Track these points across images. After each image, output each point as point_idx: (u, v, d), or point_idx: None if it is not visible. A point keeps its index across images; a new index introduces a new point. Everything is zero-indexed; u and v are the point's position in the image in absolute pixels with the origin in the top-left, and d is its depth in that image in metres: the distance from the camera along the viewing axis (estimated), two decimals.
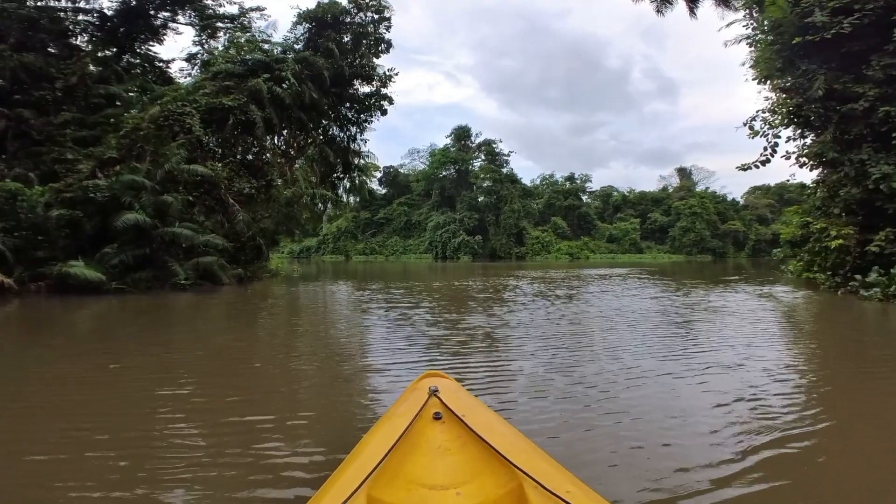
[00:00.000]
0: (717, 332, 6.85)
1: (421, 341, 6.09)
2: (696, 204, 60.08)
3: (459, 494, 1.56)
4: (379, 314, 9.19)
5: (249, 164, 17.25)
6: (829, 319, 8.97)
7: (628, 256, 55.89)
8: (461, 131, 59.83)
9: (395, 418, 1.91)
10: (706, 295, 12.04)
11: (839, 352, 6.06)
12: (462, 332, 6.78)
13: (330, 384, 4.38)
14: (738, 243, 60.03)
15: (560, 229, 57.86)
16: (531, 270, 26.39)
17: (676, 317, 8.33)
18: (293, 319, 9.12)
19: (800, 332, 7.56)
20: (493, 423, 1.95)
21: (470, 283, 16.12)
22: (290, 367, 5.20)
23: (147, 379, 4.36)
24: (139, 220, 11.72)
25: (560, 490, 1.39)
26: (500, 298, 11.39)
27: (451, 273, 24.79)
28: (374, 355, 5.72)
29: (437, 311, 9.25)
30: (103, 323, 8.55)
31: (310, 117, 20.65)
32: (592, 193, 67.80)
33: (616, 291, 13.11)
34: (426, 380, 2.21)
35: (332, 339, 6.92)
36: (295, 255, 55.68)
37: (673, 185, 70.49)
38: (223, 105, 16.38)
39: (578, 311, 9.16)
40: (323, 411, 3.65)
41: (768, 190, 68.27)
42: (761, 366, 4.77)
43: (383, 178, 63.28)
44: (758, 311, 9.04)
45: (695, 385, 4.18)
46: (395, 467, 1.63)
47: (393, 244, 56.00)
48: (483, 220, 54.45)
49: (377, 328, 7.59)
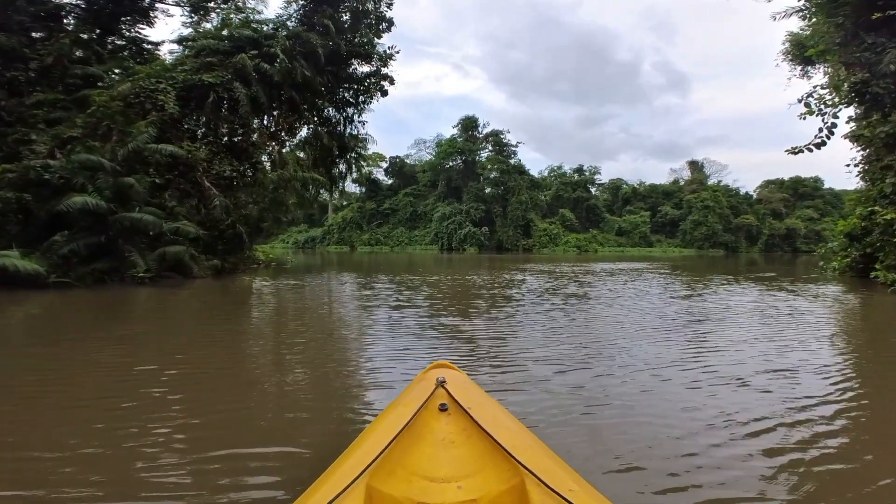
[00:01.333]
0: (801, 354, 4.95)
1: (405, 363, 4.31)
2: (708, 197, 57.52)
3: (460, 488, 1.47)
4: (363, 316, 7.42)
5: (234, 146, 15.48)
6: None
7: (638, 250, 53.64)
8: (468, 122, 57.60)
9: (401, 408, 1.81)
10: (743, 294, 10.09)
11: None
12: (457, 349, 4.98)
13: (250, 434, 2.62)
14: (750, 238, 57.43)
15: (568, 221, 55.68)
16: (539, 263, 24.43)
17: (733, 327, 6.42)
18: (234, 323, 7.35)
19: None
20: (499, 416, 1.84)
21: (475, 278, 14.28)
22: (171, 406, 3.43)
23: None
24: (89, 204, 9.99)
25: (562, 488, 1.31)
26: (505, 297, 9.55)
27: (456, 266, 22.97)
28: (334, 384, 3.93)
29: (433, 313, 7.45)
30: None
31: (303, 97, 18.81)
32: (601, 186, 65.44)
33: (638, 288, 11.17)
34: (434, 370, 2.14)
35: (279, 358, 5.14)
36: (300, 244, 54.18)
37: (684, 178, 67.89)
38: (203, 82, 14.58)
39: (602, 316, 7.30)
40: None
41: (782, 184, 65.55)
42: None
43: (389, 168, 61.43)
44: (831, 322, 7.11)
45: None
46: (398, 458, 1.55)
47: (398, 235, 54.21)
48: (490, 212, 52.44)
49: (350, 339, 5.82)
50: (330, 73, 19.81)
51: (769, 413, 3.19)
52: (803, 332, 6.20)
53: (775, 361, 4.61)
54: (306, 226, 58.43)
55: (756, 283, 13.11)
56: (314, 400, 3.60)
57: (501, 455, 1.52)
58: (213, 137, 14.78)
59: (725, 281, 14.03)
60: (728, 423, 3.01)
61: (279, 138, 17.69)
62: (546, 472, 1.40)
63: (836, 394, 3.66)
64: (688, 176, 67.84)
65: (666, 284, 12.87)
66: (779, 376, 4.08)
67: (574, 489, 1.35)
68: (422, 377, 2.13)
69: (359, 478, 1.38)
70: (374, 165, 63.08)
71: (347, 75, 20.83)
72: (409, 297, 9.62)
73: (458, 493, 1.46)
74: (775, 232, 57.59)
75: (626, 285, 12.48)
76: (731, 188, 62.68)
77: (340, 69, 20.38)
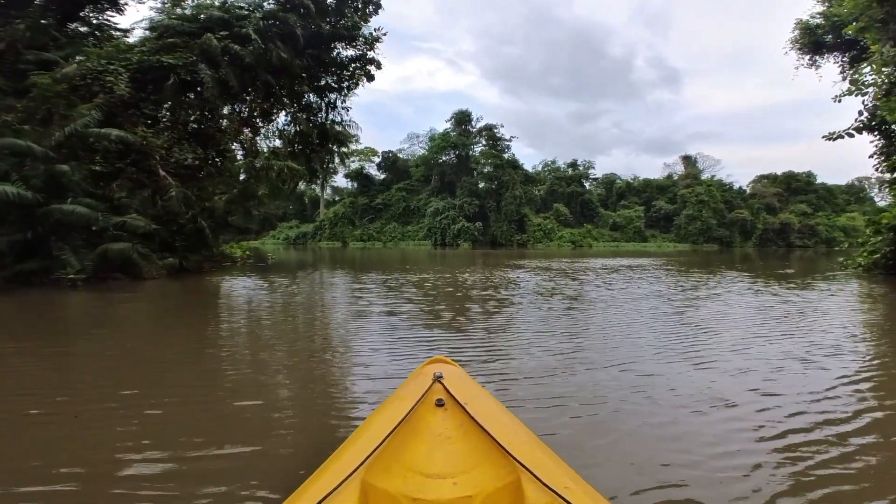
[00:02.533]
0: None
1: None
2: (702, 192, 56.26)
3: (456, 484, 1.42)
4: (334, 331, 5.84)
5: (200, 133, 13.77)
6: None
7: (633, 245, 52.27)
8: (462, 116, 55.82)
9: (398, 402, 1.75)
10: (773, 294, 8.57)
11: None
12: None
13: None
14: (744, 232, 56.21)
15: (562, 216, 54.20)
16: (534, 259, 22.87)
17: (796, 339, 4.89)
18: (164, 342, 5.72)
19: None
20: (496, 412, 1.78)
21: (467, 278, 12.72)
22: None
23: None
24: (9, 194, 8.29)
25: (558, 486, 1.27)
26: (500, 299, 8.01)
27: (450, 262, 21.37)
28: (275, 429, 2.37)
29: (421, 321, 5.89)
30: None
31: (279, 81, 17.09)
32: (596, 180, 64.00)
33: (650, 288, 9.63)
34: (431, 365, 2.05)
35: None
36: (291, 240, 52.36)
37: (678, 172, 66.53)
38: (162, 63, 12.83)
39: (621, 324, 5.76)
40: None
41: (775, 179, 64.36)
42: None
43: (382, 162, 59.63)
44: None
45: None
46: (394, 453, 1.51)
47: (391, 230, 52.48)
48: (484, 207, 50.83)
49: (305, 367, 4.24)
50: (311, 56, 18.07)
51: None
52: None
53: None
54: (297, 221, 56.59)
55: (774, 281, 11.63)
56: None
57: (498, 451, 1.47)
58: (174, 123, 13.06)
59: (742, 279, 12.53)
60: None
61: (253, 125, 15.95)
62: (542, 469, 1.34)
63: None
64: (681, 171, 66.45)
65: (679, 282, 11.35)
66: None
67: (570, 486, 1.28)
68: (419, 372, 2.05)
69: (354, 473, 1.31)
70: (367, 160, 61.30)
71: (331, 59, 19.07)
72: (395, 302, 8.03)
73: (454, 490, 1.40)
74: (769, 226, 56.45)
75: (640, 287, 10.95)
76: (725, 183, 61.44)
77: (322, 52, 18.63)
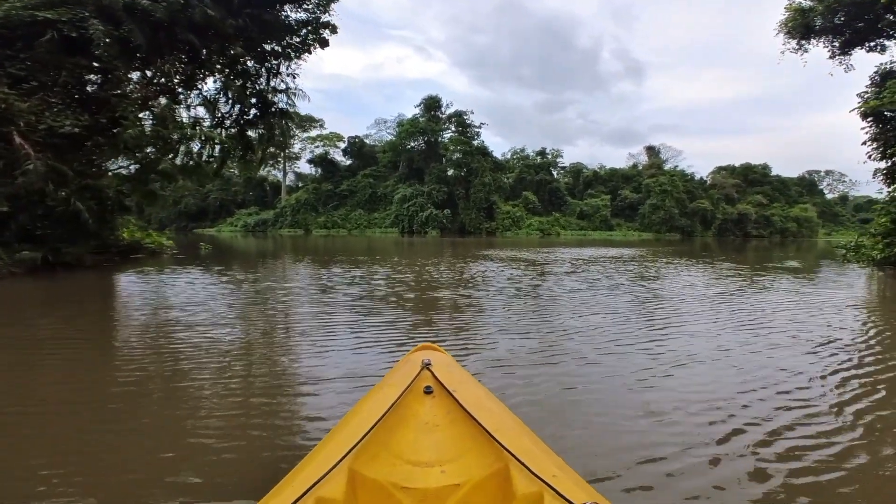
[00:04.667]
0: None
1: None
2: (666, 182, 55.55)
3: (444, 472, 1.36)
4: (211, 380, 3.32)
5: (93, 98, 10.67)
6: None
7: (599, 234, 51.08)
8: (431, 101, 52.77)
9: (386, 389, 1.69)
10: (788, 294, 6.56)
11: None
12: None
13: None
14: (705, 222, 56.02)
15: (531, 204, 52.40)
16: (504, 249, 20.62)
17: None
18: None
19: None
20: (484, 400, 1.70)
21: (433, 273, 10.27)
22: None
23: None
24: None
25: (546, 474, 1.22)
26: (470, 305, 5.62)
27: (417, 251, 18.86)
28: None
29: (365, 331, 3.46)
30: None
31: (205, 43, 13.97)
32: (564, 169, 62.56)
33: (650, 286, 7.45)
34: (420, 352, 1.97)
35: None
36: (249, 228, 48.45)
37: (642, 162, 65.92)
38: (37, 18, 9.67)
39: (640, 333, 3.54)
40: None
41: (734, 170, 64.65)
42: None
43: (348, 148, 56.02)
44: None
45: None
46: (381, 441, 1.45)
47: (357, 218, 49.28)
48: (452, 194, 48.32)
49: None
50: (249, 16, 14.99)
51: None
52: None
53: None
54: (257, 208, 52.48)
55: (778, 274, 9.74)
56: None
57: (485, 439, 1.42)
58: (53, 85, 9.92)
59: (743, 272, 10.60)
60: None
61: (170, 90, 12.85)
62: (530, 457, 1.30)
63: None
64: (645, 161, 65.92)
65: (677, 277, 9.23)
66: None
67: (558, 475, 1.24)
68: (407, 359, 1.96)
69: (341, 461, 1.27)
70: (332, 146, 57.60)
71: (275, 21, 16.02)
72: (326, 314, 5.49)
73: (442, 478, 1.34)
74: (728, 217, 56.49)
75: (622, 282, 8.77)
76: (687, 173, 61.13)
77: (264, 13, 15.57)
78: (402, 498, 1.28)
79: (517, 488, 1.22)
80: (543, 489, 1.18)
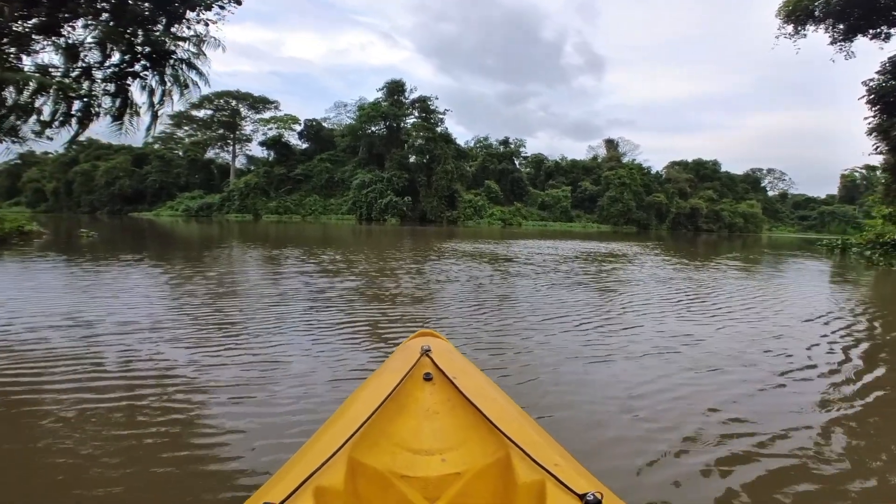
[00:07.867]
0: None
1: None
2: (624, 174, 54.77)
3: (444, 461, 1.29)
4: None
5: None
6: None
7: (560, 224, 49.59)
8: (395, 85, 48.96)
9: (385, 376, 1.59)
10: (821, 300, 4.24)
11: None
12: None
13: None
14: (660, 215, 55.85)
15: (493, 194, 50.08)
16: (468, 241, 17.94)
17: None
18: None
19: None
20: (484, 387, 1.57)
21: (393, 268, 7.34)
22: None
23: None
24: None
25: (548, 463, 1.14)
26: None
27: (374, 241, 15.77)
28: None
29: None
30: None
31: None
32: (526, 159, 60.65)
33: (655, 297, 4.93)
34: (419, 339, 1.86)
35: None
36: (192, 212, 43.24)
37: (601, 155, 65.18)
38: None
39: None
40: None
41: (686, 165, 65.08)
42: None
43: (304, 131, 51.33)
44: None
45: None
46: (381, 429, 1.35)
47: (312, 203, 45.09)
48: (414, 181, 45.10)
49: None
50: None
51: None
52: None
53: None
54: (202, 191, 47.09)
55: (781, 269, 7.55)
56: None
57: (486, 427, 1.34)
58: None
59: (745, 271, 8.34)
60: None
61: (19, 36, 9.00)
62: (532, 446, 1.22)
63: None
64: (604, 153, 65.22)
65: (671, 279, 6.70)
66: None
67: (560, 464, 1.16)
68: (406, 345, 1.85)
69: (341, 449, 1.18)
70: (286, 128, 52.64)
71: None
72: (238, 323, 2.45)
73: (442, 466, 1.27)
74: (681, 211, 56.57)
75: (620, 291, 6.19)
76: (644, 167, 60.81)
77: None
78: (402, 487, 1.20)
79: (519, 477, 1.14)
80: (545, 478, 1.10)
